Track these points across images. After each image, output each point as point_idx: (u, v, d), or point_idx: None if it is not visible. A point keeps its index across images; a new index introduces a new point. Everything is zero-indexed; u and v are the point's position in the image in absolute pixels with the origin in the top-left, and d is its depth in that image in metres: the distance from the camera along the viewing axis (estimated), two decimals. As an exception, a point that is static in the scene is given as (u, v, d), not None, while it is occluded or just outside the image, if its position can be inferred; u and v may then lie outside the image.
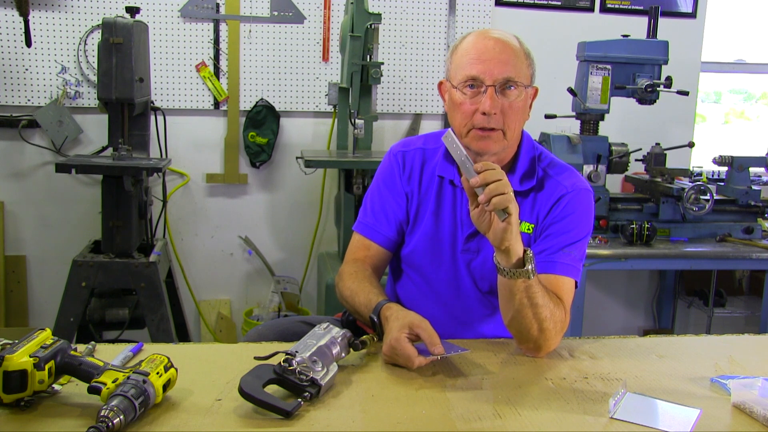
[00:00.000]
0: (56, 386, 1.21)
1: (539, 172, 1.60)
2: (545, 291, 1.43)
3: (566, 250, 1.53)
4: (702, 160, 3.82)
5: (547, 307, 1.42)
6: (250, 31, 3.37)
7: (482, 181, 1.30)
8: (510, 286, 1.40)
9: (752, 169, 3.21)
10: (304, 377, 1.21)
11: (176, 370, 1.20)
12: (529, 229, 1.57)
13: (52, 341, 1.17)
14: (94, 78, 3.19)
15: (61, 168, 2.68)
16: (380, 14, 3.00)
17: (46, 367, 1.13)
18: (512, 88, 1.49)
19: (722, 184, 3.27)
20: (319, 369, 1.23)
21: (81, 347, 1.33)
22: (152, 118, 3.06)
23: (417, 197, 1.66)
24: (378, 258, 1.68)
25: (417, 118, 3.60)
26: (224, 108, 3.40)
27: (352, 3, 2.97)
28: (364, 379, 1.32)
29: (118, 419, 1.05)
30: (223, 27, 3.34)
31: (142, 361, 1.18)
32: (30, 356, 1.12)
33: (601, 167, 3.03)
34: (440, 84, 1.63)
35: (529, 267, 1.37)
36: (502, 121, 1.49)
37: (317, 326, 1.36)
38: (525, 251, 1.38)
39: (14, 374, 1.11)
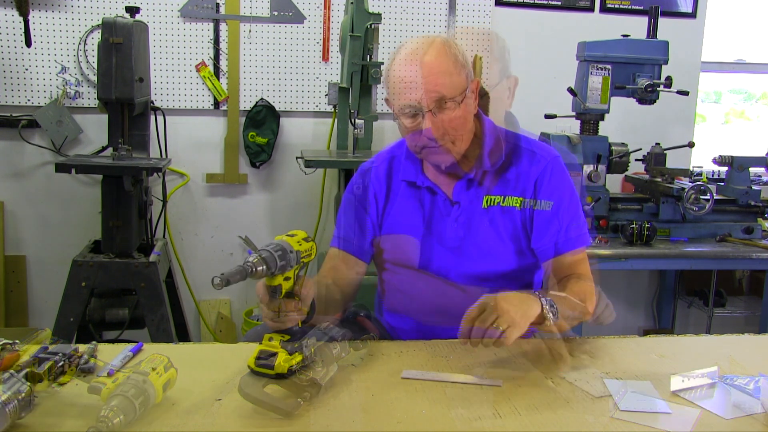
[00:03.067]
0: (56, 386, 1.21)
1: (506, 147, 1.63)
2: (568, 297, 1.47)
3: (573, 223, 1.59)
4: (702, 160, 3.82)
5: (580, 304, 1.49)
6: (250, 31, 3.37)
7: (466, 331, 1.31)
8: (550, 330, 1.43)
9: (752, 169, 3.21)
10: (304, 377, 1.21)
11: (176, 370, 1.20)
12: (517, 203, 1.59)
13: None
14: (94, 78, 3.19)
15: (61, 168, 2.68)
16: (380, 14, 3.00)
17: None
18: (448, 104, 1.50)
19: (722, 184, 3.27)
20: (319, 369, 1.23)
21: (81, 347, 1.33)
22: (152, 118, 3.06)
23: (384, 204, 1.69)
24: (353, 270, 1.70)
25: (417, 118, 3.59)
26: (224, 108, 3.40)
27: (352, 3, 2.97)
28: (364, 379, 1.32)
29: (118, 419, 1.06)
30: (223, 27, 3.34)
31: (142, 361, 1.18)
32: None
33: (601, 167, 3.02)
34: (386, 100, 1.63)
35: (549, 316, 1.40)
36: (446, 137, 1.53)
37: (317, 326, 1.36)
38: (542, 307, 1.39)
39: (14, 374, 1.11)
